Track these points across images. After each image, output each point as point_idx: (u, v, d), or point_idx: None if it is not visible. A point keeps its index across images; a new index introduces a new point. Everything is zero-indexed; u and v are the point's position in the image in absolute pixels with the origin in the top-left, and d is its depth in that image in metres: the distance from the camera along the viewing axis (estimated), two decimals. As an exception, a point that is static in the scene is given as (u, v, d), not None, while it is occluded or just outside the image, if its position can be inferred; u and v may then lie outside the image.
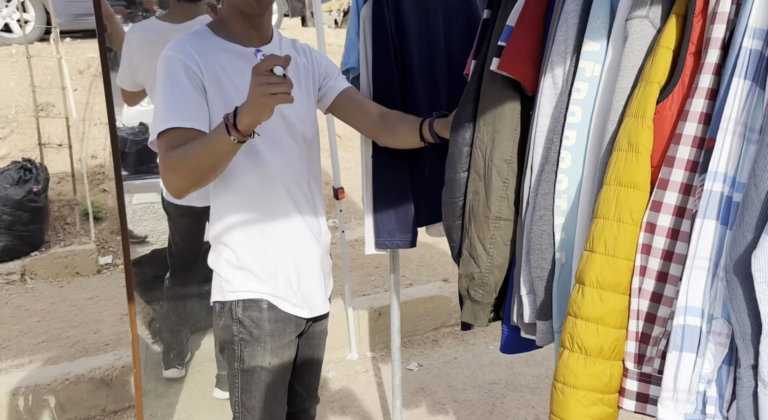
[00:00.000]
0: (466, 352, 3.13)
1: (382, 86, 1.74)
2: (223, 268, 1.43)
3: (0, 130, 4.54)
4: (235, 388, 1.48)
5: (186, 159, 1.22)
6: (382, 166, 1.81)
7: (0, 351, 2.88)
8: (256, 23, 1.41)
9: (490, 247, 1.35)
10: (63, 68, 4.06)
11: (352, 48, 1.85)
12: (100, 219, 4.30)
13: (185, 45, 1.33)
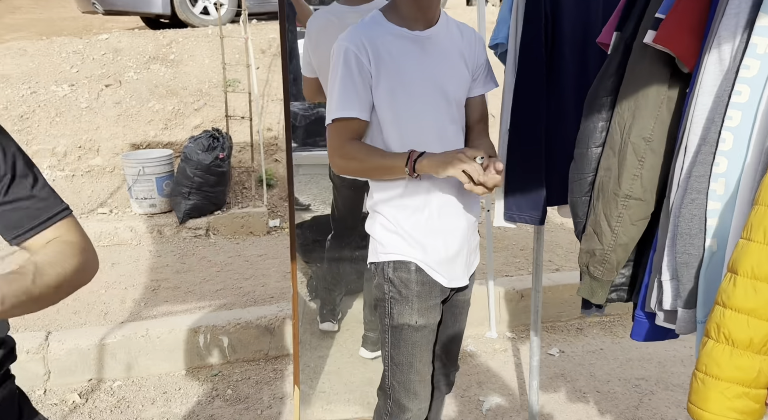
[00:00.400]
0: (613, 344, 3.00)
1: (527, 65, 1.73)
2: (378, 232, 1.55)
3: (195, 102, 5.17)
4: (385, 343, 1.60)
5: (361, 159, 1.45)
6: (517, 140, 1.81)
7: (186, 294, 3.34)
8: (425, 4, 1.45)
9: (616, 224, 1.32)
10: (249, 48, 4.49)
11: (503, 24, 1.85)
12: (272, 186, 4.73)
13: (357, 34, 1.43)
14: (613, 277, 1.43)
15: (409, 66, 1.45)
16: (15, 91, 4.84)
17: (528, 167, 1.81)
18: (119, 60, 5.40)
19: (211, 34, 5.82)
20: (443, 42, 1.50)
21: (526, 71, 1.74)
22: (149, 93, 5.12)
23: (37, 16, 8.42)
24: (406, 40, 1.45)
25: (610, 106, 1.37)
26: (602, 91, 1.38)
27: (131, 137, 4.80)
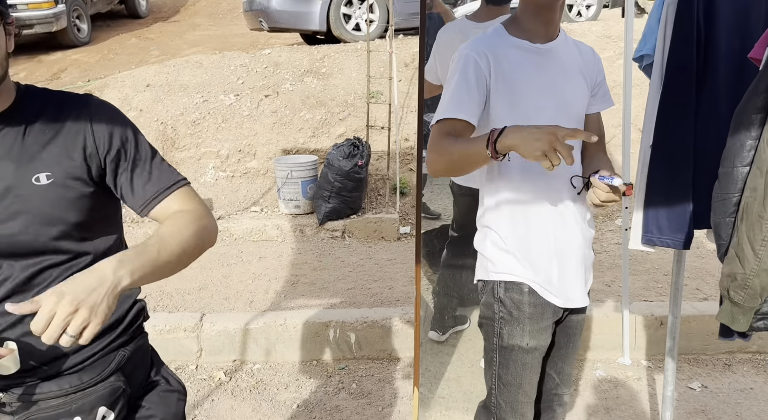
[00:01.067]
0: (765, 384, 2.74)
1: (676, 78, 1.65)
2: (489, 250, 1.53)
3: (341, 113, 5.52)
4: (493, 362, 1.59)
5: (449, 151, 1.37)
6: (662, 155, 1.73)
7: (321, 291, 3.61)
8: (548, 18, 1.45)
9: (761, 248, 1.24)
10: (392, 62, 4.72)
11: (650, 34, 1.79)
12: (405, 194, 4.91)
13: (479, 43, 1.46)
14: (756, 304, 1.34)
15: (530, 77, 1.44)
16: (190, 99, 5.52)
17: (673, 185, 1.72)
18: (278, 73, 5.93)
19: (360, 49, 6.17)
20: (563, 56, 1.49)
21: (674, 85, 1.67)
22: (301, 103, 5.56)
23: (212, 32, 9.47)
24: (527, 52, 1.46)
25: (760, 123, 1.29)
26: (751, 108, 1.31)
27: (283, 143, 5.25)
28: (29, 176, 1.04)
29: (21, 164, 1.04)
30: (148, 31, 9.38)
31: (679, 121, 1.68)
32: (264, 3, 6.84)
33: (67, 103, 1.10)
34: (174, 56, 7.69)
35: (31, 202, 1.04)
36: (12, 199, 1.03)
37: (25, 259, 1.06)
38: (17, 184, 1.04)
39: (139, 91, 5.59)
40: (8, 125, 1.05)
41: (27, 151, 1.05)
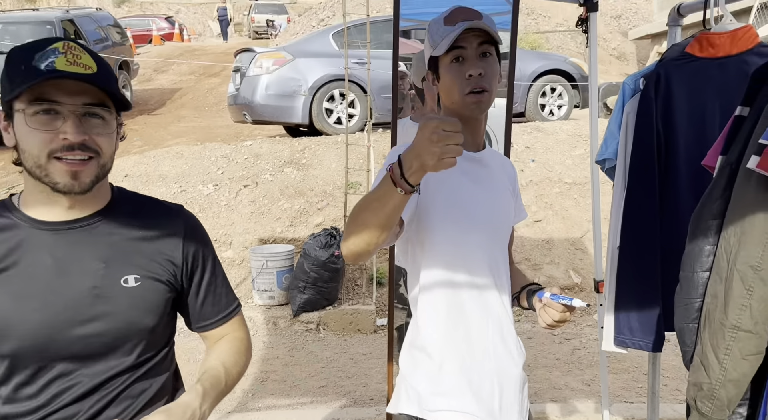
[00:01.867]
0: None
1: (639, 182, 1.70)
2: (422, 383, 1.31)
3: (319, 202, 5.55)
4: None
5: (353, 216, 1.15)
6: (629, 258, 1.75)
7: (291, 389, 3.44)
8: (473, 127, 1.36)
9: (725, 357, 1.20)
10: (370, 154, 4.82)
11: (611, 139, 1.86)
12: (382, 284, 4.84)
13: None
14: (725, 417, 1.30)
15: (466, 184, 1.33)
16: (168, 189, 5.53)
17: (641, 288, 1.72)
18: (258, 163, 6.02)
19: (340, 141, 6.32)
20: (492, 166, 1.41)
21: (637, 188, 1.71)
22: (280, 193, 5.60)
23: (197, 124, 9.70)
24: (462, 158, 1.23)
25: (717, 230, 1.31)
26: (708, 214, 1.33)
27: (260, 233, 5.22)
28: (118, 277, 1.08)
29: (111, 265, 1.08)
30: (133, 122, 9.58)
31: (644, 224, 1.71)
32: (248, 97, 7.06)
33: (161, 212, 1.17)
34: (156, 147, 7.81)
35: (116, 304, 1.07)
36: (97, 299, 1.06)
37: (97, 363, 1.07)
38: (105, 285, 1.07)
39: (116, 181, 5.56)
40: (102, 224, 1.10)
41: (118, 252, 1.09)
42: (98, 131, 1.03)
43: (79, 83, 1.00)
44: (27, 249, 1.05)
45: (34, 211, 1.07)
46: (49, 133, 1.00)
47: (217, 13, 21.38)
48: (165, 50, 16.46)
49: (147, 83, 12.74)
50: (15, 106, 1.02)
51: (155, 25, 19.99)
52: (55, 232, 1.06)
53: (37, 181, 1.04)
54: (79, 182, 1.02)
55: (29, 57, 0.99)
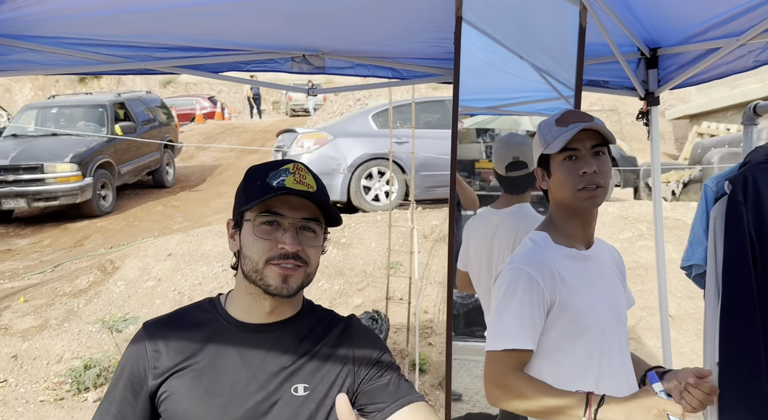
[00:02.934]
0: None
1: (736, 293, 1.58)
2: None
3: (359, 283, 5.47)
4: None
5: (526, 397, 1.29)
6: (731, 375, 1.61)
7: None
8: (586, 221, 1.44)
9: None
10: (414, 237, 4.77)
11: (698, 244, 1.76)
12: (424, 371, 4.64)
13: (533, 258, 1.39)
14: None
15: (584, 288, 1.39)
16: (210, 269, 5.53)
17: (748, 407, 1.57)
18: (298, 242, 6.01)
19: (380, 220, 6.32)
20: (603, 260, 1.48)
21: (734, 299, 1.60)
22: (320, 273, 5.54)
23: (236, 200, 9.90)
24: (576, 260, 1.41)
25: None
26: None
27: (299, 314, 5.12)
28: (290, 385, 1.14)
29: (286, 372, 1.14)
30: (175, 199, 9.81)
31: (746, 338, 1.56)
32: (288, 176, 7.19)
33: (334, 323, 1.23)
34: (197, 222, 7.93)
35: (284, 411, 1.12)
36: (268, 404, 1.12)
37: None
38: (278, 391, 1.13)
39: (160, 260, 5.64)
40: (288, 332, 1.17)
41: (294, 360, 1.15)
42: (310, 243, 1.13)
43: (302, 200, 1.12)
44: (219, 346, 1.14)
45: (236, 311, 1.17)
46: (269, 242, 1.11)
47: (252, 92, 22.09)
48: (207, 128, 17.14)
49: (189, 160, 13.18)
50: (245, 216, 1.14)
51: (198, 105, 20.98)
52: (249, 333, 1.15)
53: (250, 283, 1.14)
54: (287, 286, 1.11)
55: (264, 175, 1.13)
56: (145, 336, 1.15)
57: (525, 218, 2.28)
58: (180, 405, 1.11)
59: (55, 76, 25.09)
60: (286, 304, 1.17)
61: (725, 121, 11.27)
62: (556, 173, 1.40)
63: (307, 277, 1.14)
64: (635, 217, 6.09)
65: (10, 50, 2.21)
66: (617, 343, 1.41)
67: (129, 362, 1.15)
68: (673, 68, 2.48)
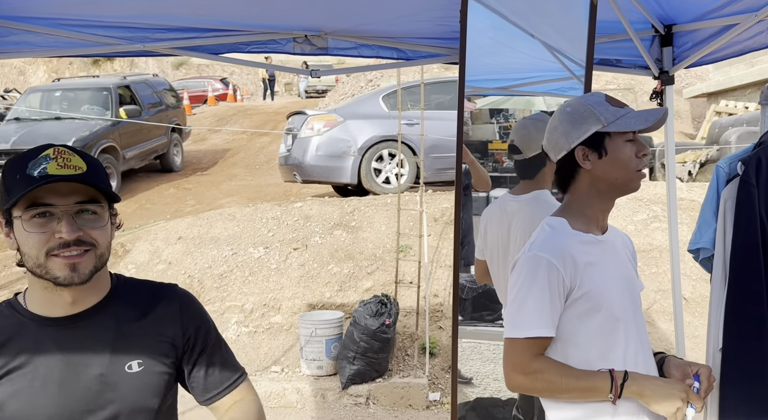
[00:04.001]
0: None
1: (743, 278, 1.54)
2: None
3: (369, 266, 5.45)
4: None
5: (552, 382, 1.32)
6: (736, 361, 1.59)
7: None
8: (609, 207, 1.45)
9: None
10: (423, 220, 4.73)
11: (706, 227, 1.70)
12: (434, 355, 4.63)
13: (553, 245, 1.38)
14: None
15: (602, 274, 1.39)
16: (220, 252, 5.54)
17: (752, 395, 1.54)
18: (308, 225, 6.00)
19: (390, 203, 6.27)
20: (616, 243, 1.48)
21: (741, 285, 1.55)
22: (330, 256, 5.53)
23: (248, 182, 9.89)
24: (595, 246, 1.41)
25: None
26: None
27: (309, 298, 5.13)
28: (122, 364, 1.13)
29: (115, 353, 1.13)
30: (186, 182, 9.83)
31: (751, 324, 1.52)
32: (299, 158, 7.16)
33: (157, 295, 1.22)
34: (209, 205, 7.94)
35: (122, 390, 1.12)
36: (104, 386, 1.11)
37: None
38: (111, 372, 1.12)
39: (170, 243, 5.67)
40: (104, 315, 1.15)
41: (120, 339, 1.14)
42: (92, 225, 1.10)
43: (71, 184, 1.07)
44: (36, 347, 1.10)
45: (39, 308, 1.13)
46: (45, 234, 1.07)
47: (267, 73, 21.75)
48: (219, 110, 17.12)
49: (201, 142, 13.19)
50: (13, 213, 1.08)
51: (210, 86, 20.93)
52: (61, 327, 1.12)
53: (39, 278, 1.09)
54: (78, 274, 1.08)
55: (23, 166, 1.07)
56: None
57: (542, 206, 2.22)
58: (12, 407, 1.07)
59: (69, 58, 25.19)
60: (88, 290, 1.13)
61: (743, 99, 11.00)
62: (616, 152, 1.38)
63: (100, 259, 1.11)
64: (650, 198, 5.98)
65: (7, 32, 2.18)
66: (635, 326, 1.41)
67: None
68: (688, 46, 2.38)
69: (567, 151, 1.41)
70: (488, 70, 2.99)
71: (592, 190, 1.42)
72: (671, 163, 2.55)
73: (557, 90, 3.30)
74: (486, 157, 5.07)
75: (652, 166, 7.68)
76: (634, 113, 1.38)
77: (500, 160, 4.76)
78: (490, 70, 3.01)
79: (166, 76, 26.57)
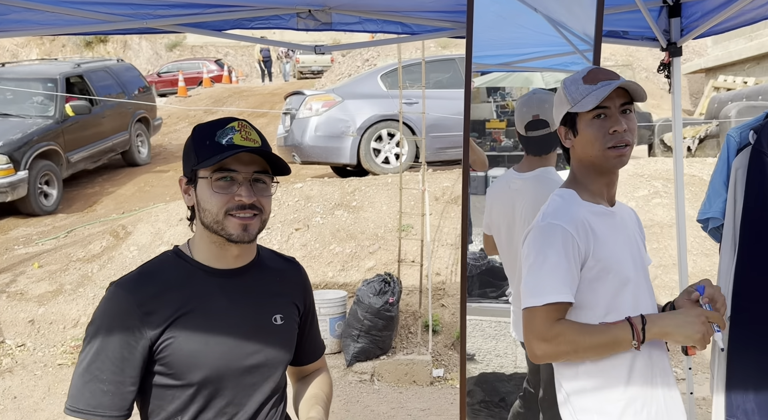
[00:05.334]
0: None
1: (753, 248, 1.54)
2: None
3: (371, 246, 5.45)
4: None
5: (574, 342, 1.32)
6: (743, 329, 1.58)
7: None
8: (610, 180, 1.44)
9: None
10: (425, 199, 4.72)
11: (716, 197, 1.70)
12: (437, 332, 4.67)
13: (566, 213, 1.39)
14: None
15: (614, 243, 1.40)
16: (221, 233, 5.54)
17: (758, 364, 1.55)
18: (309, 206, 5.99)
19: (390, 183, 6.25)
20: (625, 217, 1.50)
21: (751, 254, 1.56)
22: (331, 236, 5.53)
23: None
24: (604, 215, 1.42)
25: None
26: None
27: (312, 277, 5.09)
28: (270, 316, 1.31)
29: (265, 306, 1.31)
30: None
31: (759, 293, 1.52)
32: (298, 139, 7.11)
33: (287, 261, 1.42)
34: (208, 188, 7.90)
35: (271, 339, 1.30)
36: (259, 334, 1.28)
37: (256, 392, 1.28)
38: (263, 323, 1.30)
39: (171, 225, 5.65)
40: (255, 272, 1.32)
41: (267, 295, 1.33)
42: (262, 193, 1.26)
43: (251, 155, 1.23)
44: (206, 294, 1.26)
45: (206, 259, 1.28)
46: (226, 196, 1.22)
47: (261, 55, 21.34)
48: (215, 92, 16.98)
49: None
50: (200, 174, 1.23)
51: (205, 68, 20.72)
52: (228, 278, 1.28)
53: (211, 233, 1.24)
54: (248, 233, 1.23)
55: (212, 133, 1.23)
56: (125, 293, 1.22)
57: (547, 184, 2.21)
58: (185, 346, 1.21)
59: (61, 41, 24.88)
60: (248, 249, 1.30)
61: (742, 74, 10.95)
62: (584, 132, 1.39)
63: (263, 223, 1.27)
64: (650, 174, 5.98)
65: (8, 10, 2.14)
66: (647, 294, 1.42)
67: (115, 321, 1.20)
68: (697, 16, 2.36)
69: (555, 130, 1.48)
70: (491, 46, 2.95)
71: (580, 166, 1.44)
72: (678, 136, 2.54)
73: (559, 65, 3.27)
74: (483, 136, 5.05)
75: (651, 142, 7.67)
76: (602, 90, 1.35)
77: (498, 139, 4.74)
78: (493, 46, 2.97)
79: (159, 58, 26.31)
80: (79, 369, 1.20)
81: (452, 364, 4.54)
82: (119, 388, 1.18)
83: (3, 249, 6.02)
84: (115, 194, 8.08)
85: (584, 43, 3.00)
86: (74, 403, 1.18)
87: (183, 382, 1.22)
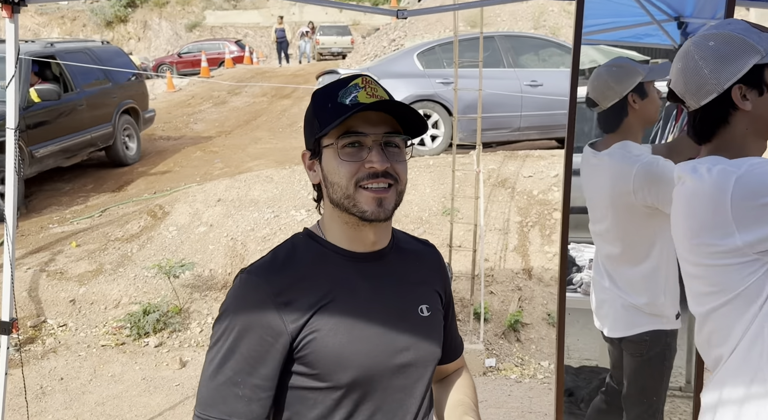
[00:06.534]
0: None
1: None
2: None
3: (415, 230, 5.27)
4: None
5: None
6: None
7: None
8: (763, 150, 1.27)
9: None
10: (479, 181, 4.52)
11: None
12: (487, 320, 4.50)
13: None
14: None
15: None
16: (261, 215, 5.39)
17: None
18: (348, 187, 5.82)
19: (432, 165, 6.06)
20: None
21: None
22: (373, 219, 5.36)
23: (273, 145, 9.67)
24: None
25: None
26: None
27: (355, 261, 4.97)
28: (415, 307, 1.14)
29: (408, 296, 1.14)
30: (212, 145, 9.65)
31: None
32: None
33: (425, 246, 1.25)
34: (237, 168, 7.77)
35: (419, 334, 1.12)
36: (406, 329, 1.10)
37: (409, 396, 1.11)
38: (409, 316, 1.12)
39: (209, 206, 5.51)
40: (394, 257, 1.15)
41: (409, 283, 1.15)
42: (396, 159, 1.06)
43: (380, 114, 1.05)
44: (346, 281, 1.09)
45: (341, 242, 1.11)
46: (356, 164, 1.05)
47: (276, 35, 20.46)
48: (237, 73, 16.81)
49: (222, 105, 12.95)
50: (323, 143, 1.06)
51: (227, 49, 20.52)
52: (367, 263, 1.11)
53: (343, 212, 1.07)
54: (383, 209, 1.05)
55: (334, 94, 1.05)
56: (259, 283, 1.04)
57: (620, 159, 2.03)
58: (330, 342, 1.04)
59: (82, 21, 24.74)
60: (385, 229, 1.13)
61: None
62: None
63: (399, 196, 1.08)
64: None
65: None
66: None
67: (250, 315, 1.02)
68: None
69: (718, 93, 1.20)
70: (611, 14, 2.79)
71: (749, 133, 1.23)
72: None
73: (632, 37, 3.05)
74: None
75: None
76: None
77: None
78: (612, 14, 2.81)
79: (180, 38, 26.09)
80: (208, 370, 1.03)
81: (504, 353, 4.39)
82: (256, 392, 1.02)
83: (38, 227, 5.92)
84: (145, 174, 7.97)
85: (661, 13, 2.78)
86: (204, 411, 1.02)
87: (329, 384, 1.05)
